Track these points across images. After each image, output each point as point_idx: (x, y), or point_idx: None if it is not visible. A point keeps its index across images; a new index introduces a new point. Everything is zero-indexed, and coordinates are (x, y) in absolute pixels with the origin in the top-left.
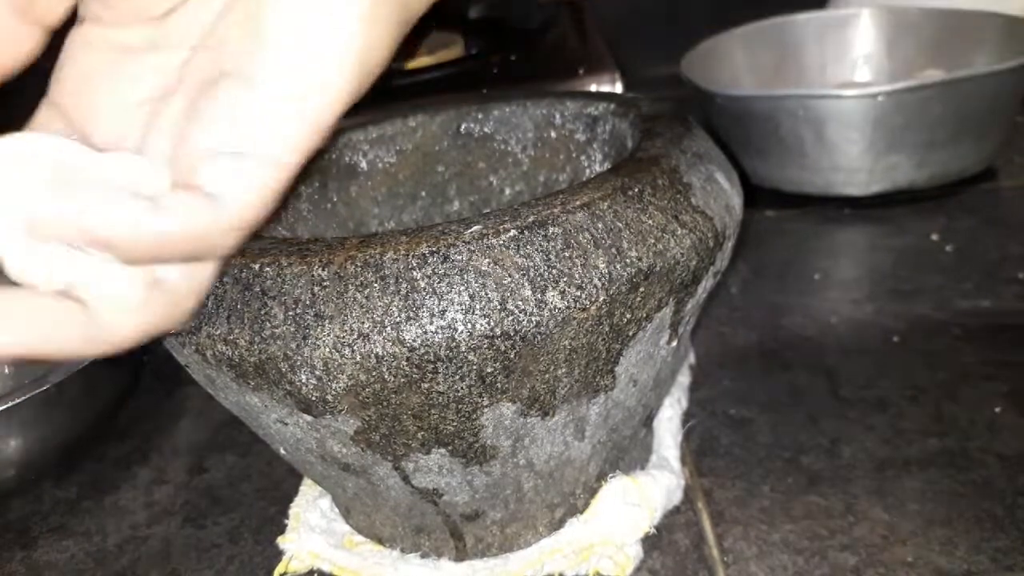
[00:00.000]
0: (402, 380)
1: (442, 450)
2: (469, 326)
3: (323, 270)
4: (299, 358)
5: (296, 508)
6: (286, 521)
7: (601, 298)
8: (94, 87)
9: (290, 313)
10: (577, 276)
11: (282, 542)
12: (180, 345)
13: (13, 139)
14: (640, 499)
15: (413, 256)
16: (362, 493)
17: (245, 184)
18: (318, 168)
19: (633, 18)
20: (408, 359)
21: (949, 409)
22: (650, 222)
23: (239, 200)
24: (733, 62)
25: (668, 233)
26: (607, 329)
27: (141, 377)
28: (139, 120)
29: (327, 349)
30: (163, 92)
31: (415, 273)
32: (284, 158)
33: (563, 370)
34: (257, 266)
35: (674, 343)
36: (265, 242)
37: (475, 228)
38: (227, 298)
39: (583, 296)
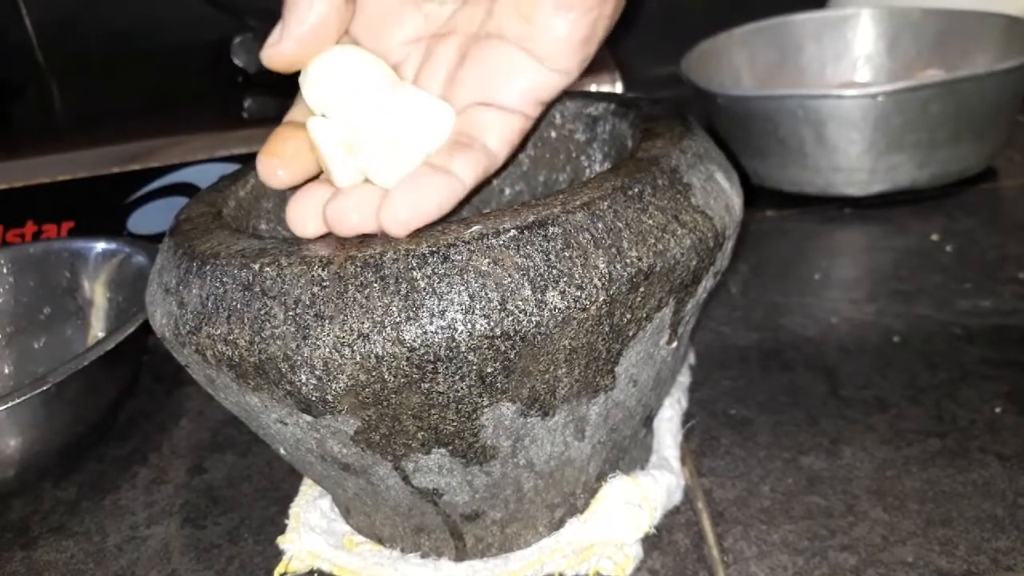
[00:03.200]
0: (402, 380)
1: (442, 450)
2: (469, 326)
3: (323, 270)
4: (299, 358)
5: (296, 508)
6: (286, 521)
7: (601, 298)
8: (384, 24)
9: (290, 313)
10: (577, 276)
11: (282, 542)
12: (180, 345)
13: (341, 50)
14: (640, 499)
15: (413, 256)
16: (362, 493)
17: (505, 132)
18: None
19: (633, 18)
20: (408, 359)
21: (949, 409)
22: (650, 222)
23: (500, 143)
24: (733, 62)
25: (668, 233)
26: (607, 329)
27: (141, 377)
28: (416, 53)
29: (327, 349)
30: (435, 34)
31: (415, 273)
32: (530, 112)
33: (563, 370)
34: (257, 266)
35: (674, 343)
36: (265, 242)
37: (475, 228)
38: (227, 298)
39: (583, 296)
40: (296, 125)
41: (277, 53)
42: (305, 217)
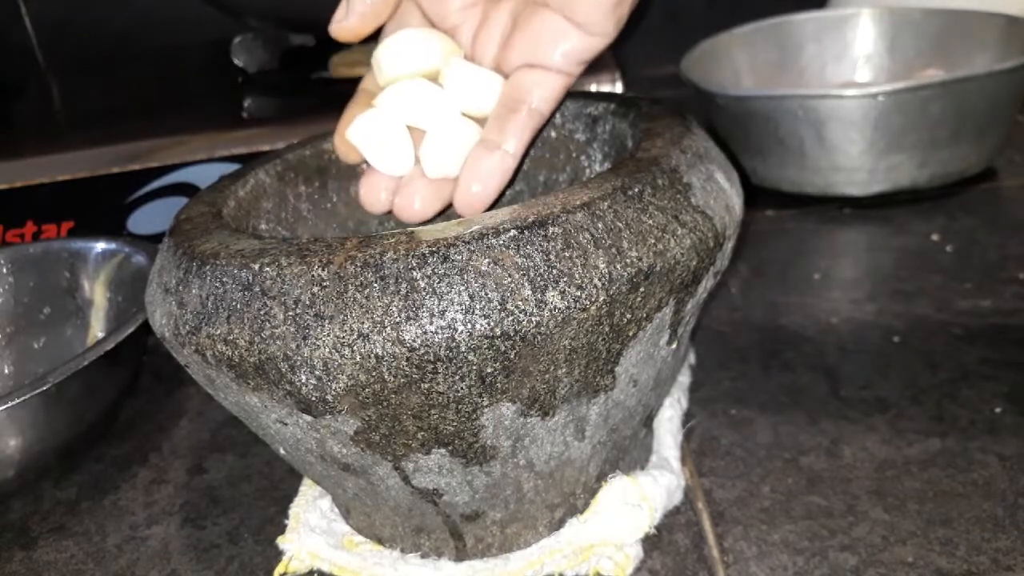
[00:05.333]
0: (402, 380)
1: (442, 450)
2: (469, 326)
3: (323, 270)
4: (299, 358)
5: (296, 508)
6: (286, 521)
7: (601, 298)
8: None
9: (290, 313)
10: (577, 276)
11: (282, 542)
12: (180, 345)
13: (409, 32)
14: (640, 499)
15: (413, 256)
16: (362, 493)
17: (548, 90)
18: (318, 168)
19: (633, 18)
20: (408, 359)
21: (949, 409)
22: (650, 222)
23: (544, 101)
24: (733, 62)
25: (668, 233)
26: (607, 329)
27: (141, 377)
28: (473, 17)
29: (327, 349)
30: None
31: (415, 273)
32: (573, 71)
33: (563, 370)
34: (257, 266)
35: (674, 343)
36: (265, 242)
37: (475, 228)
38: (227, 298)
39: (583, 296)
40: (365, 101)
41: (344, 29)
42: (376, 198)
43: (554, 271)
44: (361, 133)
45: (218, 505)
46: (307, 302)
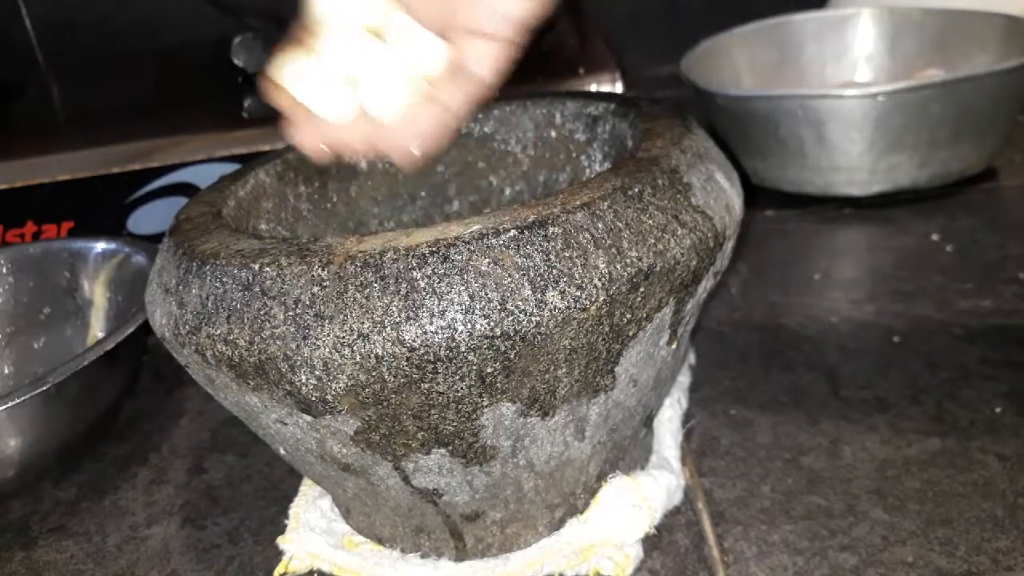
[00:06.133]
0: (402, 380)
1: (442, 450)
2: (469, 326)
3: (323, 270)
4: (299, 358)
5: (296, 508)
6: (286, 521)
7: (601, 298)
8: None
9: (290, 313)
10: (577, 276)
11: (282, 542)
12: (180, 345)
13: None
14: (640, 499)
15: (413, 256)
16: (362, 493)
17: (491, 59)
18: (318, 168)
19: (633, 18)
20: (408, 359)
21: (949, 409)
22: (650, 222)
23: (488, 70)
24: (733, 62)
25: (668, 233)
26: (607, 329)
27: (141, 377)
28: None
29: (327, 349)
30: None
31: (415, 273)
32: (515, 37)
33: (563, 370)
34: (257, 266)
35: (674, 344)
36: (265, 242)
37: (475, 228)
38: (227, 298)
39: (583, 296)
40: (303, 45)
41: None
42: (315, 145)
43: (554, 271)
44: (296, 76)
45: (218, 505)
46: (307, 302)
